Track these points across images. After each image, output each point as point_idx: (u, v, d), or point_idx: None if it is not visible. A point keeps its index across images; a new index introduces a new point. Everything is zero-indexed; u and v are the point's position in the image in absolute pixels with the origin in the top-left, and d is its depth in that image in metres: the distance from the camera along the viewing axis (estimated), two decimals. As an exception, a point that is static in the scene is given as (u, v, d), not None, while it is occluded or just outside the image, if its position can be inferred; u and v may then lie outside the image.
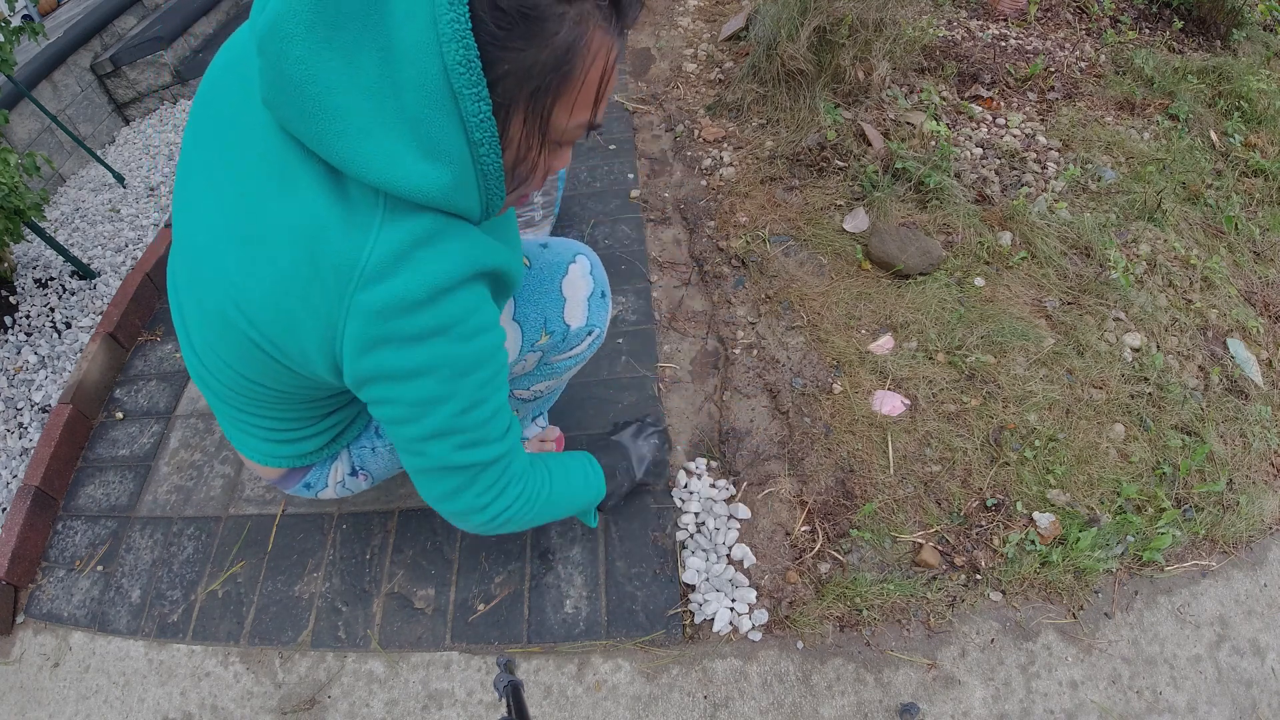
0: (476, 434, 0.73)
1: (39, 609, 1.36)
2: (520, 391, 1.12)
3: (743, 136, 2.09)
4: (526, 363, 1.02)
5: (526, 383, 1.10)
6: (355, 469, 1.04)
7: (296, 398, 0.83)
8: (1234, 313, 1.67)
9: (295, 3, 0.53)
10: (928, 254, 1.67)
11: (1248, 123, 2.13)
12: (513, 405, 1.15)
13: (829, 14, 1.88)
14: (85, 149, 2.44)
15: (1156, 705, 1.14)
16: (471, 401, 0.70)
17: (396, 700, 1.18)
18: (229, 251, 0.65)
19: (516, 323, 0.96)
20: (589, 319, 1.02)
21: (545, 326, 0.98)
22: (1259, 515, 1.35)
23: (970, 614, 1.23)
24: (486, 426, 0.74)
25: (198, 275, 0.71)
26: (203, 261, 0.69)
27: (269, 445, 0.94)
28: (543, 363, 1.06)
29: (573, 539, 1.32)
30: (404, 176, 0.57)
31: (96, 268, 2.03)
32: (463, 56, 0.53)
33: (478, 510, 0.80)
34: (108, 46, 2.87)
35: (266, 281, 0.63)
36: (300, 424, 0.91)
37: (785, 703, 1.14)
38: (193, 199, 0.71)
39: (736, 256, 1.76)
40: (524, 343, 0.98)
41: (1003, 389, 1.46)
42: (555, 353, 1.05)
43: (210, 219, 0.68)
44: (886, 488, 1.34)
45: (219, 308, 0.69)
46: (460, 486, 0.77)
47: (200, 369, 0.83)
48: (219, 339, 0.73)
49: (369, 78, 0.54)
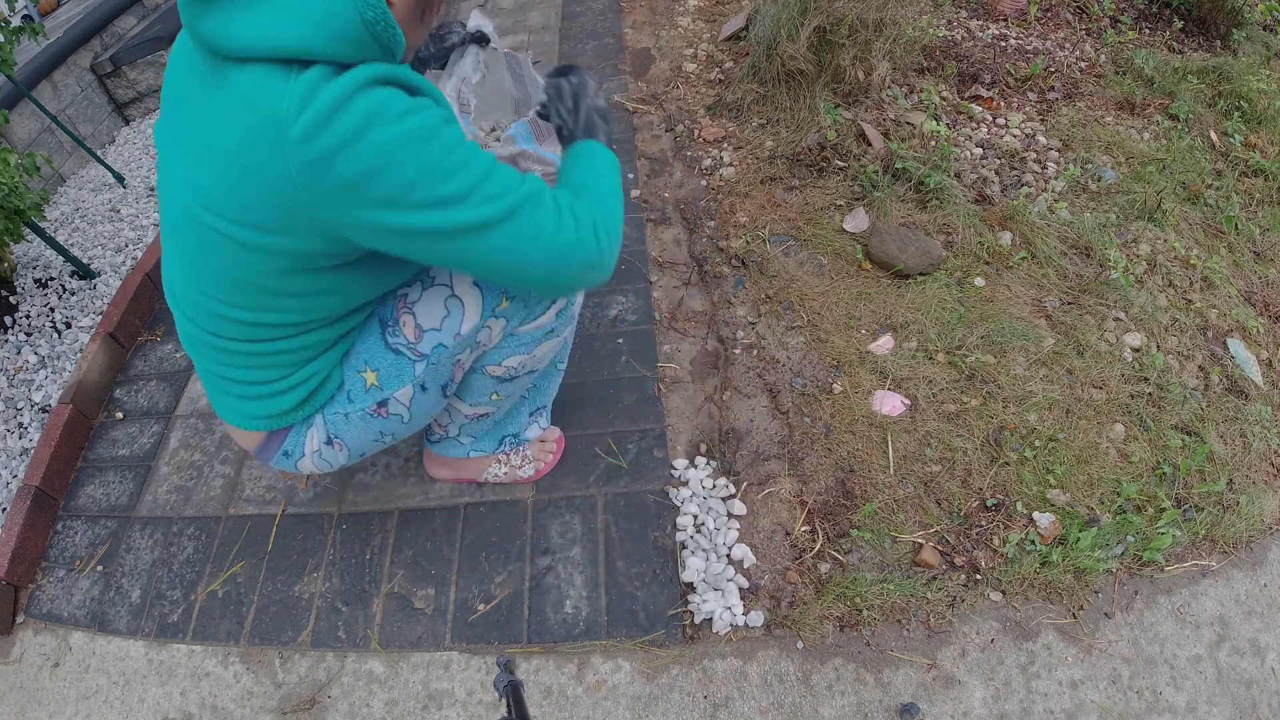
0: (490, 186, 0.76)
1: (39, 609, 1.36)
2: (493, 368, 1.09)
3: (743, 136, 2.09)
4: (491, 331, 1.02)
5: (497, 357, 1.08)
6: (330, 437, 1.04)
7: (274, 326, 0.88)
8: (1234, 313, 1.67)
9: None
10: (928, 254, 1.67)
11: (1248, 123, 2.13)
12: (488, 386, 1.13)
13: (829, 14, 1.88)
14: (85, 149, 2.44)
15: (1156, 705, 1.14)
16: (457, 162, 0.74)
17: (396, 700, 1.18)
18: (190, 167, 0.77)
19: (476, 287, 0.97)
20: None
21: (505, 291, 0.99)
22: (1259, 515, 1.35)
23: (970, 614, 1.23)
24: (493, 177, 0.77)
25: (172, 210, 0.84)
26: (174, 195, 0.82)
27: (246, 404, 0.97)
28: (509, 333, 1.04)
29: (573, 539, 1.32)
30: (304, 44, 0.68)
31: (96, 268, 2.03)
32: None
33: (580, 244, 0.82)
34: (108, 46, 2.87)
35: (222, 169, 0.73)
36: (274, 374, 0.94)
37: (785, 703, 1.14)
38: (165, 166, 0.85)
39: (736, 256, 1.76)
40: (484, 307, 0.98)
41: (1003, 389, 1.46)
42: (519, 321, 1.03)
43: (175, 162, 0.81)
44: (886, 488, 1.34)
45: (190, 219, 0.79)
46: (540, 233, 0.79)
47: (188, 326, 0.93)
48: (198, 257, 0.83)
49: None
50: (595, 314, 1.68)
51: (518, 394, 1.22)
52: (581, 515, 1.35)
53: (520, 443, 1.36)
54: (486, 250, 0.78)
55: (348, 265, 0.84)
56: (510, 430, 1.32)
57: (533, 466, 1.38)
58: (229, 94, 0.71)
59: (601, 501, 1.36)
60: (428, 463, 1.40)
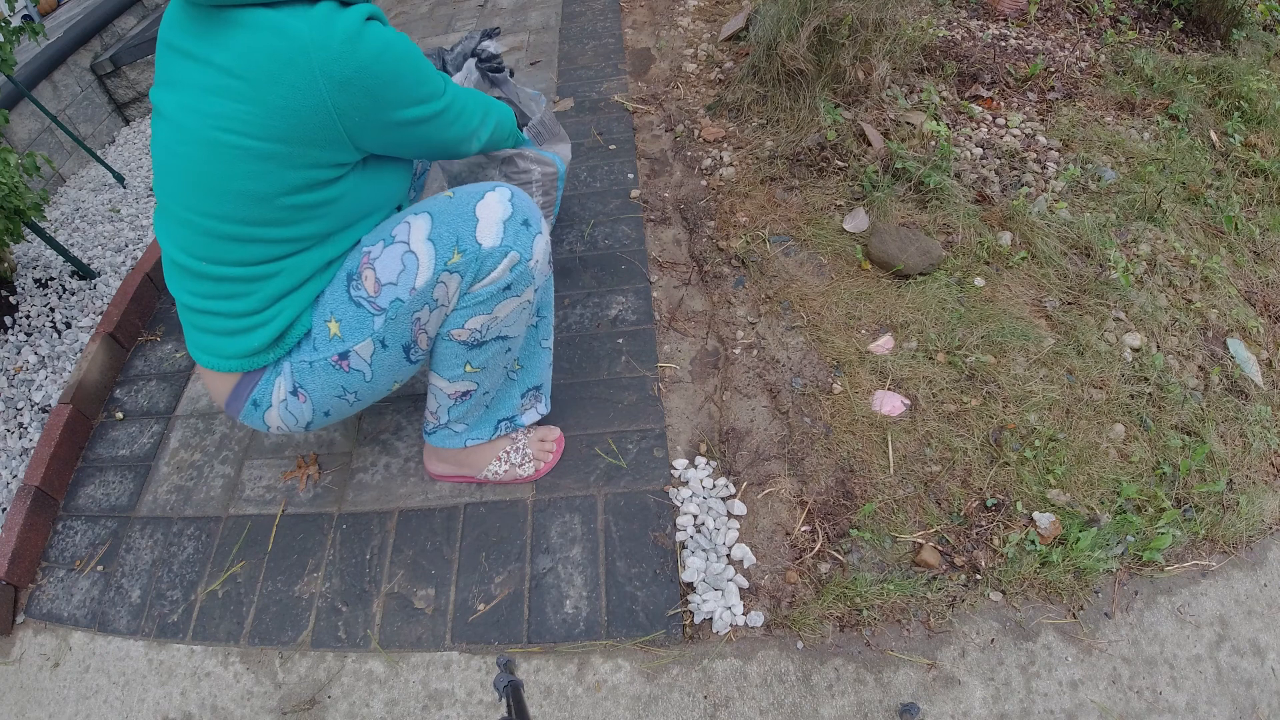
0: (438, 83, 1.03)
1: (39, 609, 1.36)
2: (457, 331, 1.10)
3: (743, 136, 2.09)
4: (447, 288, 1.04)
5: (459, 320, 1.08)
6: (295, 386, 1.09)
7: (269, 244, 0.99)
8: (1234, 313, 1.67)
9: None
10: (928, 254, 1.67)
11: (1248, 123, 2.13)
12: (458, 354, 1.15)
13: (829, 14, 1.88)
14: (85, 149, 2.44)
15: (1156, 705, 1.14)
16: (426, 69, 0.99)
17: (396, 700, 1.18)
18: (203, 98, 0.88)
19: (430, 241, 1.02)
20: (504, 240, 1.04)
21: (457, 245, 1.02)
22: (1259, 515, 1.35)
23: (970, 614, 1.23)
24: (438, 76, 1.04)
25: (176, 140, 0.93)
26: (178, 127, 0.92)
27: (223, 341, 1.05)
28: (464, 292, 1.06)
29: (573, 539, 1.32)
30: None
31: (96, 268, 2.03)
32: None
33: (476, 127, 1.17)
34: (108, 46, 2.87)
35: (249, 93, 0.86)
36: (255, 303, 1.02)
37: (785, 703, 1.14)
38: (165, 109, 0.94)
39: (736, 256, 1.76)
40: (437, 261, 1.02)
41: (1003, 389, 1.46)
42: (473, 278, 1.05)
43: (180, 100, 0.91)
44: (886, 488, 1.34)
45: (202, 141, 0.90)
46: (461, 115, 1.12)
47: (182, 258, 1.00)
48: (207, 176, 0.92)
49: None
50: (595, 314, 1.68)
51: (496, 367, 1.20)
52: (581, 515, 1.35)
53: (516, 427, 1.36)
54: (435, 128, 1.05)
55: (347, 175, 1.00)
56: (504, 414, 1.33)
57: (533, 466, 1.39)
58: (246, 32, 0.84)
59: (601, 501, 1.36)
60: (427, 460, 1.40)
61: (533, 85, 2.51)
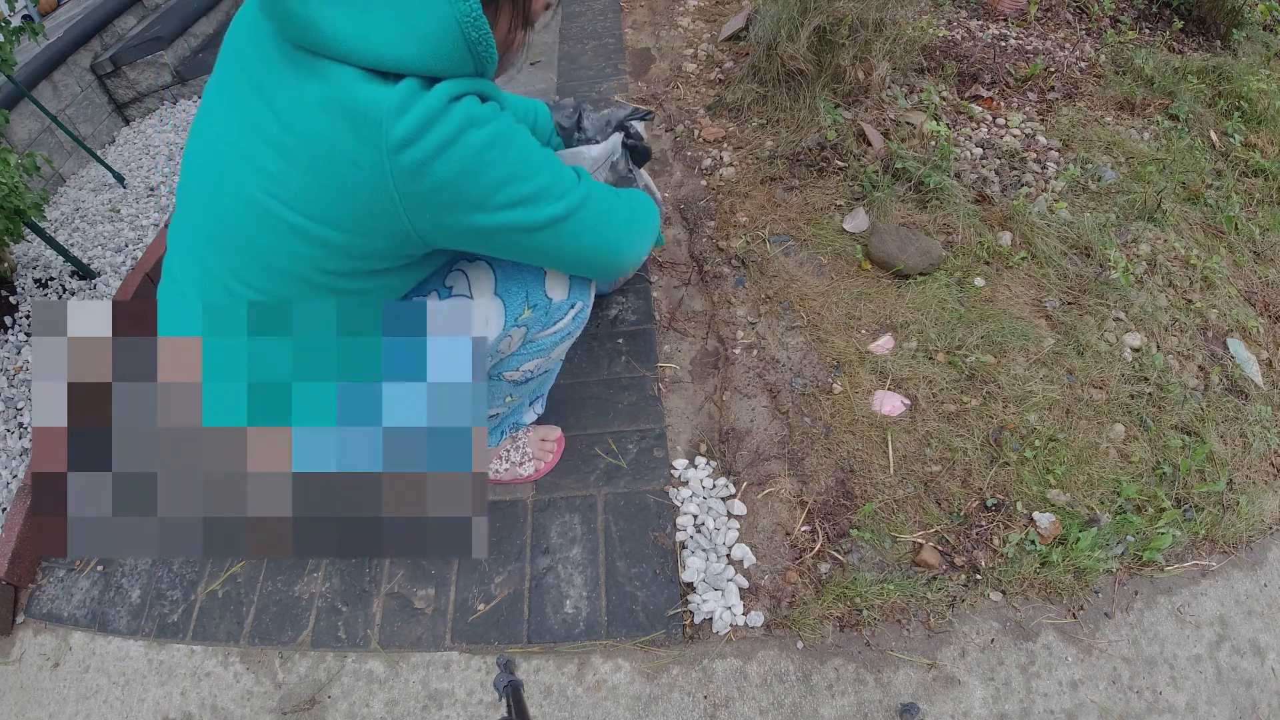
0: (562, 183, 0.85)
1: (39, 609, 1.36)
2: (510, 373, 1.11)
3: (743, 136, 2.09)
4: (511, 339, 1.03)
5: (516, 362, 1.09)
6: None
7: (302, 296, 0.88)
8: (1234, 313, 1.66)
9: None
10: (928, 254, 1.67)
11: (1248, 123, 2.13)
12: (504, 390, 1.15)
13: (829, 14, 1.88)
14: (85, 149, 2.44)
15: (1156, 705, 1.14)
16: (534, 163, 0.81)
17: (396, 700, 1.18)
18: (259, 148, 0.74)
19: (499, 298, 0.97)
20: (570, 292, 1.04)
21: (527, 300, 0.99)
22: (1259, 515, 1.35)
23: (970, 614, 1.23)
24: (563, 173, 0.86)
25: (218, 182, 0.78)
26: (227, 170, 0.77)
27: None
28: (528, 340, 1.06)
29: (573, 539, 1.32)
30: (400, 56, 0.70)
31: (96, 268, 2.03)
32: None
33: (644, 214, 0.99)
34: (108, 46, 2.87)
35: (305, 163, 0.72)
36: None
37: (785, 703, 1.14)
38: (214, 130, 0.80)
39: (736, 256, 1.76)
40: (507, 318, 0.98)
41: (1003, 389, 1.46)
42: (539, 328, 1.05)
43: (233, 133, 0.77)
44: (886, 488, 1.34)
45: (250, 202, 0.75)
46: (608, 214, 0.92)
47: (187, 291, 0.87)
48: (241, 238, 0.78)
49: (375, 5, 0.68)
50: (595, 314, 1.68)
51: (528, 393, 1.24)
52: (581, 515, 1.35)
53: (518, 427, 1.36)
54: (560, 239, 0.86)
55: (404, 267, 0.86)
56: (511, 420, 1.34)
57: (533, 465, 1.39)
58: (320, 88, 0.71)
59: (601, 501, 1.36)
60: (428, 462, 1.40)
61: (533, 85, 2.51)
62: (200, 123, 0.84)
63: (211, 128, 0.81)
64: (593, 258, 0.93)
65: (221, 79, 0.81)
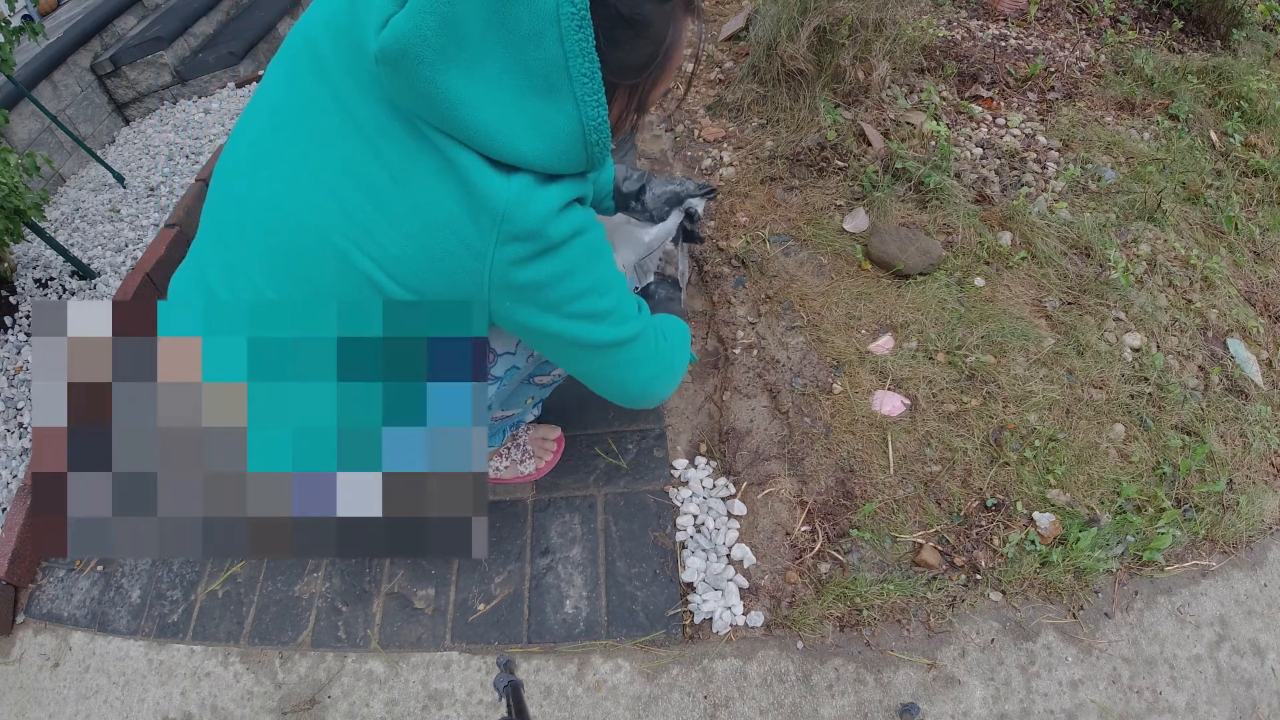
0: (626, 308, 0.85)
1: (39, 609, 1.36)
2: (541, 378, 1.15)
3: (743, 136, 2.09)
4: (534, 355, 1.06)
5: (547, 369, 1.14)
6: None
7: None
8: (1234, 313, 1.67)
9: (423, 27, 0.59)
10: (928, 254, 1.67)
11: (1248, 123, 2.13)
12: (530, 392, 1.18)
13: (829, 14, 1.88)
14: (85, 149, 2.44)
15: (1156, 705, 1.14)
16: (611, 281, 0.82)
17: (396, 700, 1.18)
18: (350, 196, 0.71)
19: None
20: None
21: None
22: (1259, 515, 1.35)
23: (970, 614, 1.23)
24: (628, 298, 0.86)
25: (290, 219, 0.74)
26: (300, 207, 0.73)
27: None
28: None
29: (573, 539, 1.32)
30: (521, 151, 0.67)
31: (96, 268, 2.03)
32: (585, 68, 0.63)
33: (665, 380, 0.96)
34: (108, 46, 2.87)
35: (405, 228, 0.70)
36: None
37: (785, 703, 1.14)
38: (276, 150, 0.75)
39: (736, 256, 1.76)
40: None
41: (1003, 389, 1.46)
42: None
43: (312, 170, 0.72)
44: (886, 488, 1.34)
45: (330, 248, 0.72)
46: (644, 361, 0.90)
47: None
48: (307, 282, 0.75)
49: (491, 82, 0.64)
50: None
51: (544, 395, 1.26)
52: (581, 515, 1.35)
53: (519, 425, 1.37)
54: (601, 362, 0.87)
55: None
56: (514, 419, 1.34)
57: (533, 464, 1.39)
58: (438, 160, 0.68)
59: (601, 501, 1.36)
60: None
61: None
62: (264, 124, 0.78)
63: (285, 142, 0.75)
64: (624, 388, 0.93)
65: (300, 90, 0.75)
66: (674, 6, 0.67)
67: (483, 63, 0.63)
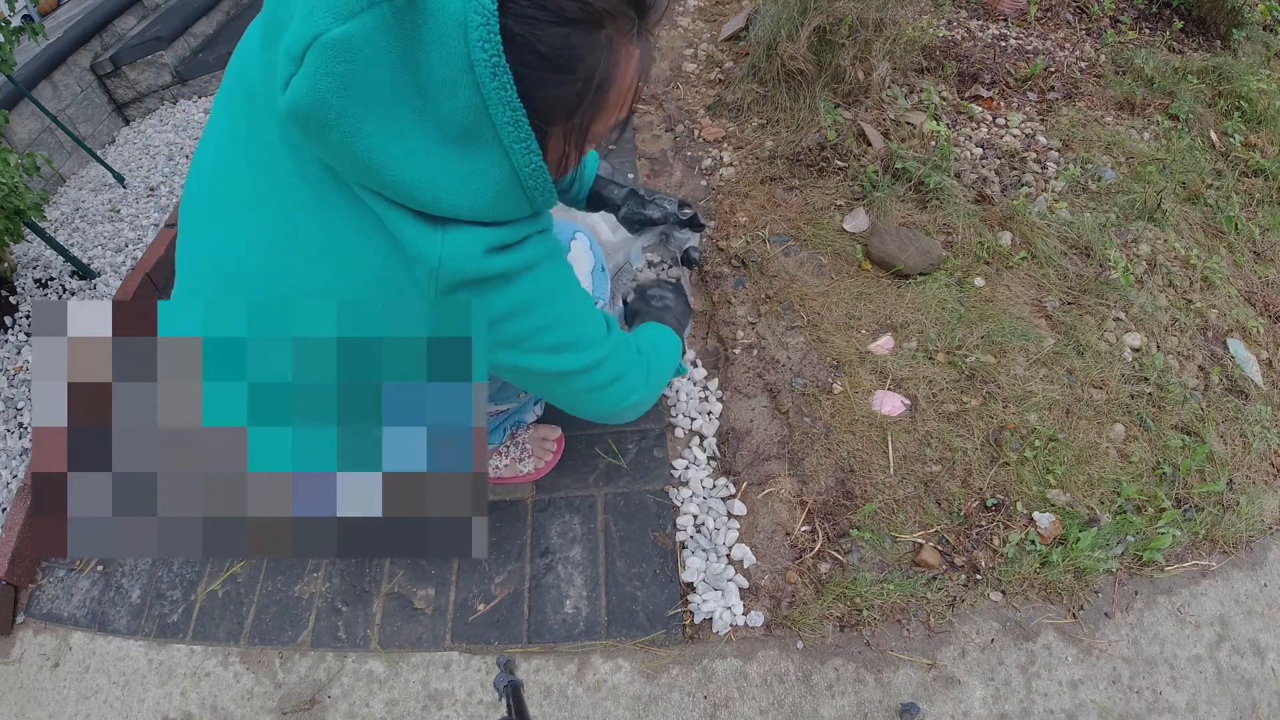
0: (590, 334, 0.84)
1: (39, 609, 1.36)
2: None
3: (743, 136, 2.08)
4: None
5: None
6: None
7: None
8: (1234, 313, 1.67)
9: (320, 90, 0.54)
10: (928, 254, 1.67)
11: (1248, 123, 2.13)
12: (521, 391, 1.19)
13: (829, 14, 1.88)
14: (85, 149, 2.44)
15: (1156, 705, 1.14)
16: (574, 314, 0.81)
17: (396, 700, 1.18)
18: (290, 259, 0.69)
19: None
20: (594, 290, 1.09)
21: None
22: (1259, 515, 1.35)
23: (970, 614, 1.23)
24: (591, 321, 0.85)
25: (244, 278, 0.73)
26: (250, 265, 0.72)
27: None
28: None
29: (573, 539, 1.32)
30: (452, 206, 0.63)
31: (96, 268, 2.03)
32: (508, 116, 0.58)
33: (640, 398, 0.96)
34: (108, 47, 2.87)
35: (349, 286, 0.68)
36: None
37: (785, 703, 1.14)
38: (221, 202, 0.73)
39: (736, 256, 1.76)
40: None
41: (1003, 389, 1.46)
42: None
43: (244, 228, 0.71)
44: (886, 488, 1.34)
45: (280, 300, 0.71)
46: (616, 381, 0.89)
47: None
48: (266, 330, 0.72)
49: (408, 137, 0.59)
50: (595, 314, 1.69)
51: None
52: (581, 515, 1.35)
53: (519, 425, 1.37)
54: (567, 388, 0.85)
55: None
56: (513, 418, 1.34)
57: (533, 463, 1.39)
58: (366, 219, 0.66)
59: (601, 501, 1.36)
60: (429, 462, 1.40)
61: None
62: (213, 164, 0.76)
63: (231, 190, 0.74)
64: (593, 409, 0.93)
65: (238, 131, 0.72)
66: (608, 35, 0.60)
67: (397, 118, 0.58)
